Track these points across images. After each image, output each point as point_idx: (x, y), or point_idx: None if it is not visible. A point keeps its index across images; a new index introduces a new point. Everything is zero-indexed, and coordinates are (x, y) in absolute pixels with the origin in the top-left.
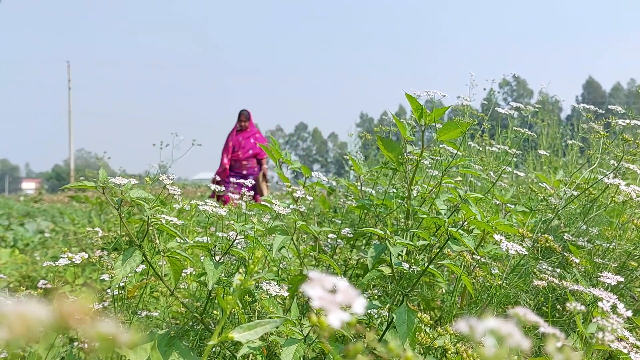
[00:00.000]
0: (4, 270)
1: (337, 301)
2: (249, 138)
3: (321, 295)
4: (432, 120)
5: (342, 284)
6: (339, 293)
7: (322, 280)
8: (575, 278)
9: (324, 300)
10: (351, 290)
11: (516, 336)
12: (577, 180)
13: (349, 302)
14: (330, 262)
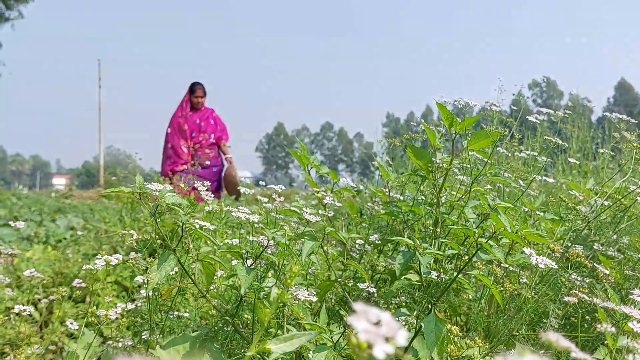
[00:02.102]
0: (37, 266)
1: (382, 334)
2: (207, 119)
3: (367, 328)
4: (463, 129)
5: (385, 317)
6: (383, 326)
7: (366, 313)
8: (604, 289)
9: (370, 334)
10: (394, 323)
11: None
12: (610, 191)
13: (392, 334)
14: (358, 267)
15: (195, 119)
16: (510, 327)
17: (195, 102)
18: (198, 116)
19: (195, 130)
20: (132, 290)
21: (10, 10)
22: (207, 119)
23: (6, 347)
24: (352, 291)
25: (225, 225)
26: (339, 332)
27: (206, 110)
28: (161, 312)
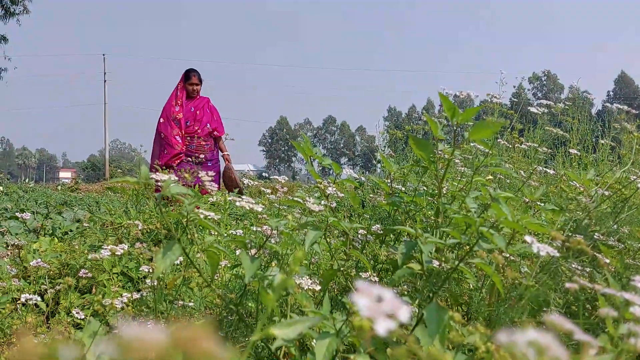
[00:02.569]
0: (44, 257)
1: (384, 310)
2: (203, 108)
3: (369, 305)
4: (465, 119)
5: (388, 294)
6: (385, 302)
7: (368, 290)
8: (605, 278)
9: (372, 310)
10: (396, 300)
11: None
12: (610, 181)
13: (394, 311)
14: (361, 257)
15: (190, 107)
16: (511, 315)
17: (191, 90)
18: (193, 104)
19: (190, 118)
20: (138, 281)
21: (16, 5)
22: (202, 107)
23: (13, 337)
24: (354, 280)
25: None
26: (342, 320)
27: (202, 99)
28: (166, 301)
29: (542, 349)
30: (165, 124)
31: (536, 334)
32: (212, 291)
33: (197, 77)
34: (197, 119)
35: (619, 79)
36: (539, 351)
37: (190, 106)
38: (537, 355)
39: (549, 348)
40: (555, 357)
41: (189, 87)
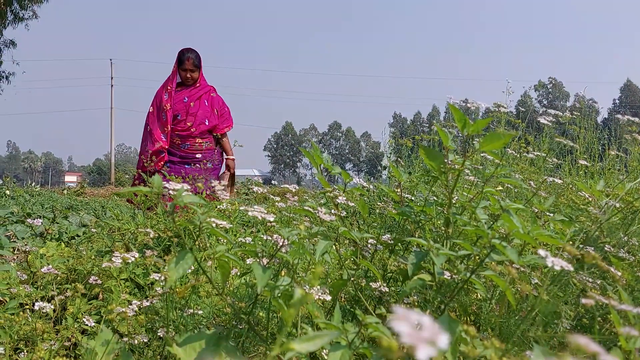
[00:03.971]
0: (51, 263)
1: (424, 337)
2: (201, 99)
3: (409, 332)
4: (475, 130)
5: (426, 320)
6: (425, 329)
7: (407, 316)
8: (616, 291)
9: (412, 337)
10: (435, 326)
11: None
12: (622, 193)
13: (433, 338)
14: (371, 267)
15: (183, 97)
16: (522, 327)
17: (184, 76)
18: (188, 94)
19: (182, 111)
20: (146, 288)
21: (24, 10)
22: (199, 98)
23: (20, 343)
24: (364, 290)
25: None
26: (354, 332)
27: (202, 87)
28: (175, 309)
29: None
30: (153, 115)
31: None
32: (222, 300)
33: (192, 61)
34: (191, 112)
35: (625, 87)
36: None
37: (184, 96)
38: None
39: None
40: None
41: (182, 74)
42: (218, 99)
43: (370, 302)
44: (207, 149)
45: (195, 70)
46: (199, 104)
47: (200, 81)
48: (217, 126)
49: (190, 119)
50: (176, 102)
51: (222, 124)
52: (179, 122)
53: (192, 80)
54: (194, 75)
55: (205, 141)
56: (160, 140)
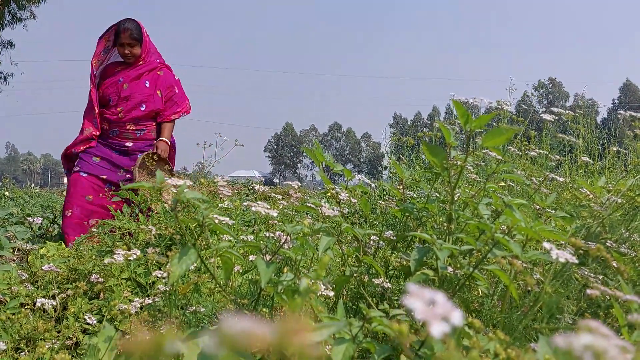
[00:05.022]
0: (52, 262)
1: (438, 313)
2: (140, 79)
3: (423, 308)
4: (478, 126)
5: (440, 297)
6: (438, 305)
7: (421, 293)
8: (617, 285)
9: (426, 313)
10: (448, 303)
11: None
12: (624, 189)
13: (447, 314)
14: (373, 263)
15: (117, 79)
16: (525, 322)
17: (122, 52)
18: (124, 74)
19: (113, 95)
20: (147, 287)
21: (22, 10)
22: (138, 78)
23: (22, 343)
24: (366, 286)
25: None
26: (358, 326)
27: (145, 65)
28: (177, 307)
29: (600, 352)
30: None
31: (592, 337)
32: (225, 297)
33: (129, 34)
34: (123, 96)
35: (624, 87)
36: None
37: (119, 77)
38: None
39: (606, 351)
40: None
41: (119, 50)
42: (167, 78)
43: (373, 299)
44: (142, 139)
45: (135, 45)
46: (135, 86)
47: (145, 57)
48: (160, 112)
49: (122, 104)
50: (110, 85)
51: (167, 110)
52: (110, 107)
53: (133, 57)
54: (134, 51)
55: (140, 129)
56: (89, 127)
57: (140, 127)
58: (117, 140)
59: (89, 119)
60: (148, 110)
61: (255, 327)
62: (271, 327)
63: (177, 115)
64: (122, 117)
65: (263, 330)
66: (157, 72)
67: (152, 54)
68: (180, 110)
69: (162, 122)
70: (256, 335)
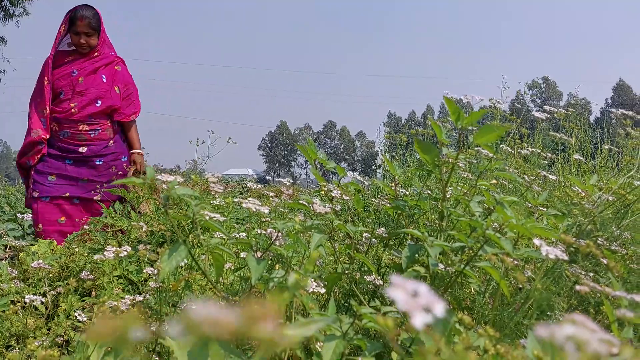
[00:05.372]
0: (44, 260)
1: (421, 304)
2: (97, 73)
3: (405, 299)
4: (469, 123)
5: (423, 288)
6: (421, 296)
7: (404, 284)
8: (610, 282)
9: (409, 304)
10: (431, 294)
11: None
12: (615, 187)
13: (430, 305)
14: (365, 260)
15: (71, 70)
16: (516, 319)
17: (77, 42)
18: (79, 66)
19: (66, 88)
20: (139, 284)
21: (15, 7)
22: (95, 72)
23: (12, 340)
24: (358, 284)
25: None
26: (349, 323)
27: (102, 58)
28: (169, 304)
29: (582, 343)
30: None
31: (575, 328)
32: (216, 294)
33: (87, 22)
34: (78, 90)
35: (617, 87)
36: (578, 346)
37: (73, 68)
38: (578, 350)
39: (589, 342)
40: (597, 351)
41: (74, 38)
42: (124, 74)
43: (365, 297)
44: (97, 140)
45: (93, 35)
46: (92, 80)
47: (101, 49)
48: (117, 110)
49: (76, 99)
50: (62, 76)
51: (126, 109)
52: (62, 101)
53: (88, 47)
54: (91, 41)
55: (94, 128)
56: (38, 128)
57: (94, 126)
58: (68, 144)
59: (38, 115)
60: (104, 106)
61: (221, 314)
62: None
63: (135, 116)
64: (75, 113)
65: (228, 316)
66: (114, 66)
67: (107, 46)
68: (137, 111)
69: (121, 121)
70: (221, 322)
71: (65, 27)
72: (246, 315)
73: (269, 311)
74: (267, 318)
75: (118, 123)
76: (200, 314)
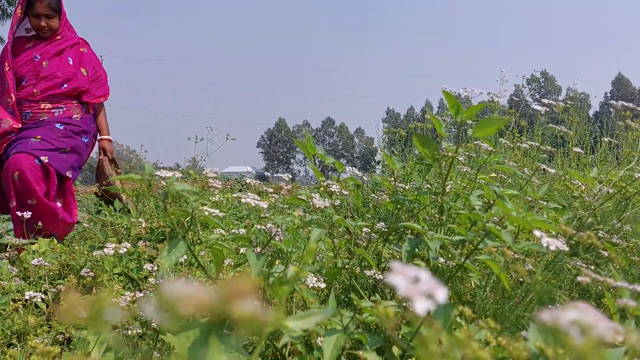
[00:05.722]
0: (44, 258)
1: (422, 290)
2: (62, 56)
3: (406, 285)
4: (469, 117)
5: (424, 274)
6: (422, 282)
7: (404, 270)
8: (611, 274)
9: (410, 290)
10: (432, 280)
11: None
12: (615, 179)
13: (431, 291)
14: (365, 254)
15: (33, 55)
16: (516, 312)
17: (37, 25)
18: (41, 50)
19: (29, 74)
20: (139, 281)
21: (12, 6)
22: (60, 54)
23: (13, 338)
24: (358, 278)
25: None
26: (349, 317)
27: (65, 40)
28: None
29: (587, 327)
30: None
31: (579, 313)
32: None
33: (47, 3)
34: (43, 75)
35: (616, 81)
36: (583, 330)
37: (35, 53)
38: (582, 335)
39: (593, 326)
40: (601, 335)
41: (33, 21)
42: (91, 57)
43: (365, 291)
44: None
45: (54, 16)
46: (57, 63)
47: (63, 32)
48: (86, 91)
49: (42, 85)
50: (23, 64)
51: (95, 90)
52: (24, 87)
53: (50, 31)
54: (52, 24)
55: (58, 106)
56: (7, 117)
57: (58, 104)
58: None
59: (4, 106)
60: (70, 87)
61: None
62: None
63: (105, 98)
64: (37, 94)
65: (204, 293)
66: (79, 48)
67: (69, 30)
68: (106, 94)
69: (91, 103)
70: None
71: (23, 10)
72: (223, 293)
73: (246, 288)
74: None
75: (87, 106)
76: (176, 291)
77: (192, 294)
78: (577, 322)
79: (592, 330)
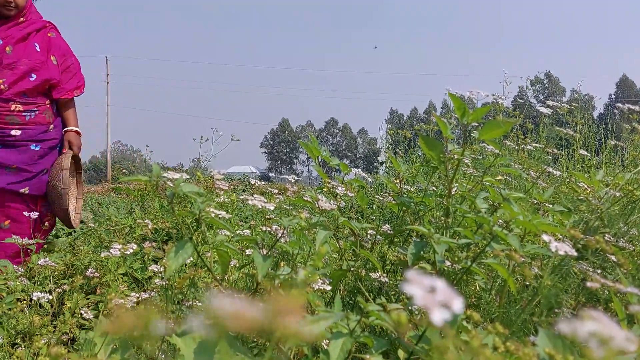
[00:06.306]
0: (49, 258)
1: (438, 300)
2: (28, 41)
3: (423, 295)
4: (475, 119)
5: (440, 284)
6: (438, 292)
7: (420, 280)
8: (618, 279)
9: (426, 300)
10: (449, 290)
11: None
12: (622, 182)
13: (447, 301)
14: (370, 257)
15: None
16: (523, 316)
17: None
18: (4, 34)
19: None
20: (144, 282)
21: None
22: (25, 39)
23: (18, 338)
24: (364, 281)
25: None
26: (356, 320)
27: (31, 23)
28: (174, 302)
29: (606, 339)
30: None
31: (598, 324)
32: (221, 291)
33: None
34: (6, 62)
35: (621, 82)
36: (602, 342)
37: None
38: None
39: (612, 338)
40: (621, 347)
41: None
42: (61, 43)
43: (370, 294)
44: (33, 123)
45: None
46: (22, 49)
47: (28, 14)
48: (57, 84)
49: (5, 73)
50: None
51: (67, 84)
52: None
53: (15, 8)
54: (20, 2)
55: (30, 109)
56: None
57: (30, 106)
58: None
59: None
60: (40, 80)
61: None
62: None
63: (79, 92)
64: (4, 90)
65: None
66: (47, 33)
67: (34, 13)
68: (81, 86)
69: (61, 99)
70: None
71: None
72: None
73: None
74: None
75: (57, 103)
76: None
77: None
78: (596, 334)
79: (611, 342)
